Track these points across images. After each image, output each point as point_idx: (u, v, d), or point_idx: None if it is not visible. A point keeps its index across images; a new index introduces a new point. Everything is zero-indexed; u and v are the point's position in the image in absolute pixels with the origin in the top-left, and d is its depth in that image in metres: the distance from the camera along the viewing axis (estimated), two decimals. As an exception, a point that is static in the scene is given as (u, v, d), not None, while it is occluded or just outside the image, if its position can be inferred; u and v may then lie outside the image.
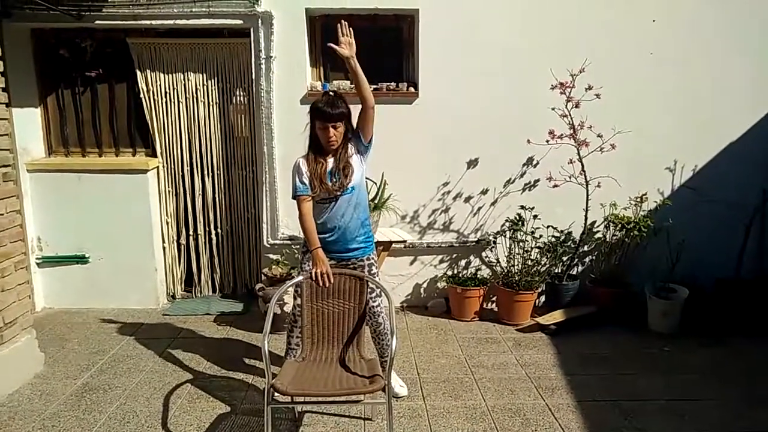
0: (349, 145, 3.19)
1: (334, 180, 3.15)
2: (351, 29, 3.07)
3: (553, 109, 4.32)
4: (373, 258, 3.31)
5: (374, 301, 3.25)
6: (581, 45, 4.40)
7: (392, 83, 4.62)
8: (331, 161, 3.17)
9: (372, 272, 3.26)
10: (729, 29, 4.49)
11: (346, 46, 3.07)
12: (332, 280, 3.03)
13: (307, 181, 3.16)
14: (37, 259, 4.76)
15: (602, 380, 3.63)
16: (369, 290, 3.14)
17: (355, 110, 3.19)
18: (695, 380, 3.64)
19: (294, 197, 3.20)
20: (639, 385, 3.58)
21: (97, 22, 4.46)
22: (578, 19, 4.47)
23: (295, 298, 3.32)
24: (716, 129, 4.62)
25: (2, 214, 3.47)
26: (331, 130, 3.08)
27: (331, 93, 3.16)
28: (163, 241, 4.93)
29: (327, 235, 3.19)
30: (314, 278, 3.02)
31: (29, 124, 4.72)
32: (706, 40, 4.50)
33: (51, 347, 4.07)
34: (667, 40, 4.50)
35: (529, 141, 4.43)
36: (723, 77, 4.55)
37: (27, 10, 4.33)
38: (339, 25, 3.08)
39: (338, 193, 3.16)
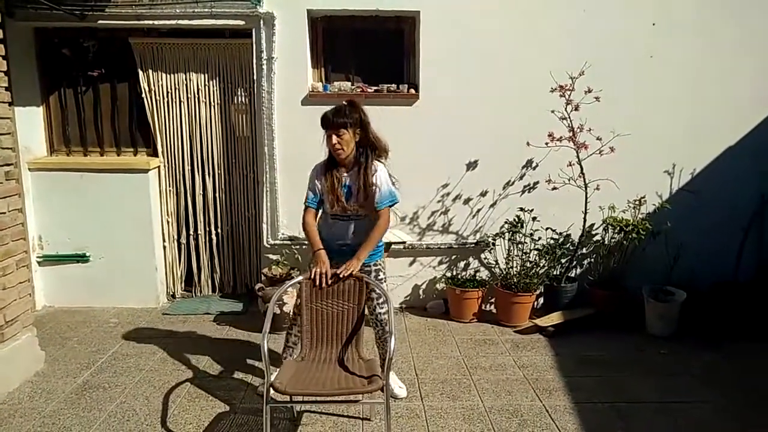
0: (373, 166, 3.17)
1: (352, 201, 3.16)
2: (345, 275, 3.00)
3: (552, 111, 4.34)
4: (380, 264, 3.33)
5: (381, 308, 3.27)
6: (581, 48, 4.42)
7: (393, 85, 4.63)
8: (347, 177, 3.18)
9: (379, 278, 3.28)
10: (729, 33, 4.51)
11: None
12: (329, 282, 3.04)
13: (318, 193, 3.19)
14: (38, 257, 4.78)
15: (599, 382, 3.65)
16: (376, 296, 3.17)
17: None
18: (691, 383, 3.65)
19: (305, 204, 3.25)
20: (635, 387, 3.60)
21: (99, 21, 4.48)
22: (578, 22, 4.49)
23: (295, 298, 3.34)
24: (715, 133, 4.64)
25: (4, 213, 3.49)
26: (334, 137, 3.09)
27: (344, 102, 3.18)
28: (164, 241, 4.95)
29: (336, 245, 3.21)
30: (312, 277, 3.04)
31: (31, 123, 4.74)
32: (706, 43, 4.53)
33: (51, 345, 4.09)
34: (667, 43, 4.53)
35: (528, 143, 4.45)
36: (722, 81, 4.57)
37: (30, 9, 4.35)
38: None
39: (345, 214, 3.19)
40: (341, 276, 3.00)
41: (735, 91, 4.58)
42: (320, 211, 3.30)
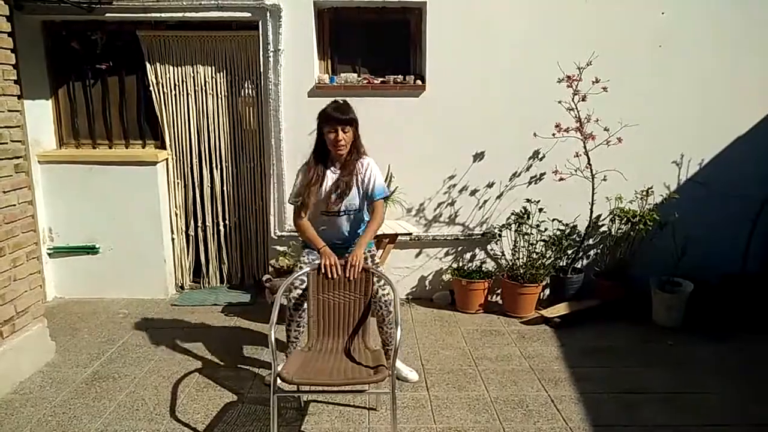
0: (359, 164, 3.21)
1: (334, 197, 3.19)
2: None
3: (559, 102, 4.32)
4: (373, 251, 3.34)
5: (383, 289, 3.29)
6: (589, 38, 4.39)
7: (399, 76, 4.62)
8: (330, 175, 3.21)
9: (375, 263, 3.30)
10: (739, 21, 4.46)
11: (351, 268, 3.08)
12: (341, 273, 3.07)
13: (305, 192, 3.19)
14: (48, 249, 4.83)
15: (605, 373, 3.65)
16: (377, 279, 3.19)
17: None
18: (698, 374, 3.65)
19: (290, 202, 3.32)
20: (642, 378, 3.60)
21: (107, 14, 4.50)
22: (586, 12, 4.46)
23: (290, 291, 3.28)
24: (724, 123, 4.60)
25: (14, 205, 3.53)
26: (341, 132, 3.12)
27: (341, 101, 3.22)
28: (172, 233, 4.99)
29: (326, 240, 3.22)
30: (324, 270, 3.06)
31: (40, 116, 4.77)
32: (716, 32, 4.48)
33: (62, 336, 4.14)
34: (676, 32, 4.48)
35: (535, 134, 4.44)
36: (731, 70, 4.53)
37: (38, 2, 4.37)
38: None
39: (336, 209, 3.23)
40: (351, 268, 3.04)
41: (744, 81, 4.53)
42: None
